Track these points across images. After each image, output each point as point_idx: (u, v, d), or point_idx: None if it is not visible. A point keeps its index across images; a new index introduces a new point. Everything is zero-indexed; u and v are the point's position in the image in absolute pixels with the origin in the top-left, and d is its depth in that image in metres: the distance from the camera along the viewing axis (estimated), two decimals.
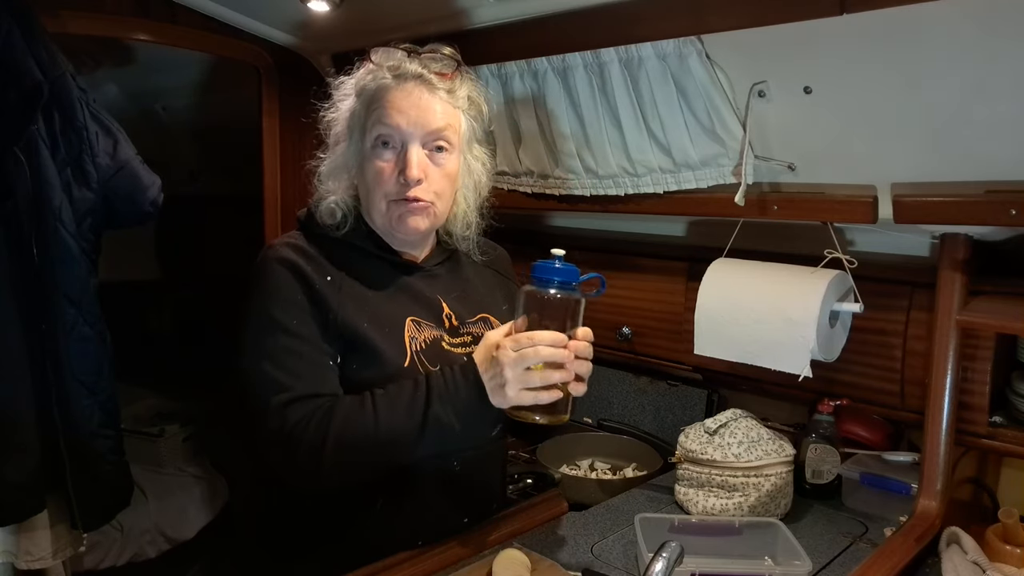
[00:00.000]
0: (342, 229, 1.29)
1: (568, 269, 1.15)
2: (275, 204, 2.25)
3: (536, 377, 1.09)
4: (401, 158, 1.22)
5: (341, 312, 1.20)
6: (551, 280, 1.14)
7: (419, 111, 1.22)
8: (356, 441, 1.12)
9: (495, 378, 1.10)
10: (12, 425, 1.58)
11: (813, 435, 1.64)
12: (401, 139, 1.23)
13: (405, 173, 1.21)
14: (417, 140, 1.23)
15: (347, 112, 1.29)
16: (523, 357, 1.09)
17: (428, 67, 1.25)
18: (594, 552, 1.39)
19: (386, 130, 1.22)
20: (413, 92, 1.23)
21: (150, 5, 1.90)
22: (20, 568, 1.72)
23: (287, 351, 1.16)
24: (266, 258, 1.23)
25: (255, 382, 1.16)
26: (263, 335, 1.18)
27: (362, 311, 1.23)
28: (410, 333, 1.26)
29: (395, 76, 1.24)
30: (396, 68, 1.24)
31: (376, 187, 1.24)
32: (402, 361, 1.22)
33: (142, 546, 2.51)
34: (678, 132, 1.54)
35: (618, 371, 2.13)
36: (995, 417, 1.48)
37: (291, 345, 1.17)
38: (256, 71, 2.16)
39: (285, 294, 1.19)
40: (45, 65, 1.55)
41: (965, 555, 1.30)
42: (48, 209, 1.58)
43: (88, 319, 1.67)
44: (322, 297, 1.20)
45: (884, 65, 1.22)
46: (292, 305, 1.19)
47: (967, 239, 1.42)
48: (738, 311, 1.58)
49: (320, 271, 1.23)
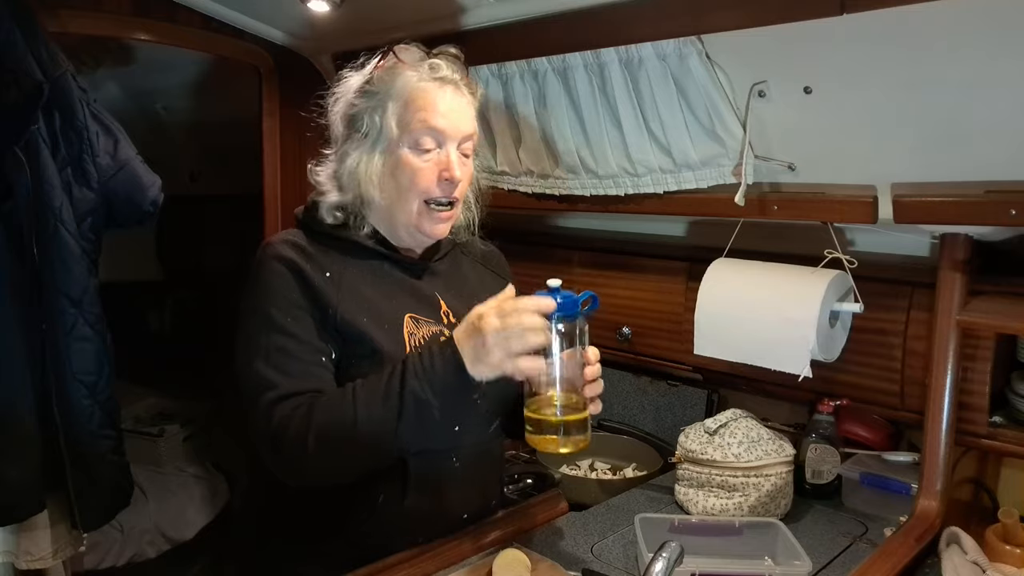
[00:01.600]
0: (343, 227, 1.29)
1: (567, 299, 1.13)
2: (275, 204, 2.25)
3: (518, 344, 1.06)
4: (442, 160, 1.24)
5: (340, 308, 1.21)
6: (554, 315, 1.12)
7: (458, 115, 1.25)
8: (337, 430, 1.10)
9: (476, 347, 1.07)
10: (12, 425, 1.58)
11: (813, 435, 1.64)
12: (441, 141, 1.24)
13: (449, 173, 1.23)
14: (455, 143, 1.25)
15: (372, 110, 1.26)
16: (506, 326, 1.06)
17: (459, 72, 1.27)
18: (594, 552, 1.39)
19: (431, 132, 1.23)
20: (454, 97, 1.25)
21: (150, 5, 1.89)
22: (20, 568, 1.72)
23: (279, 349, 1.17)
24: (263, 256, 1.24)
25: (248, 380, 1.17)
26: (256, 333, 1.19)
27: (361, 307, 1.23)
28: (409, 329, 1.26)
29: (436, 79, 1.24)
30: (437, 71, 1.25)
31: (412, 186, 1.23)
32: (401, 356, 1.22)
33: (142, 546, 2.51)
34: (678, 132, 1.54)
35: (618, 371, 2.13)
36: (995, 417, 1.48)
37: (283, 344, 1.17)
38: (256, 71, 2.16)
39: (280, 292, 1.20)
40: (45, 65, 1.54)
41: (965, 555, 1.30)
42: (48, 209, 1.58)
43: (88, 319, 1.67)
44: (320, 294, 1.21)
45: (884, 65, 1.22)
46: (287, 303, 1.19)
47: (967, 239, 1.42)
48: (738, 311, 1.58)
49: (318, 268, 1.23)
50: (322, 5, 1.68)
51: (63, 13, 1.72)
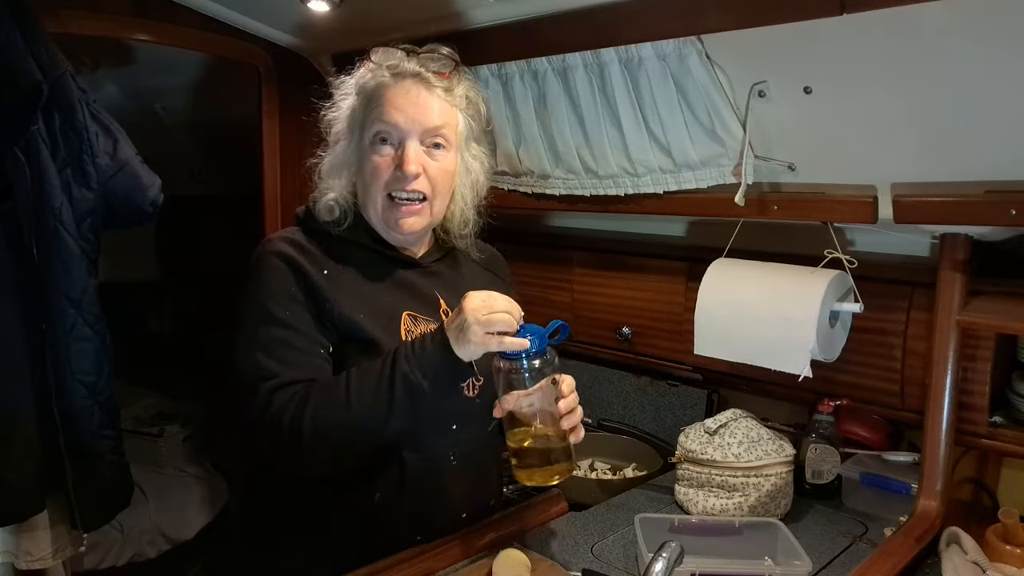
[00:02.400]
0: (341, 225, 1.30)
1: (535, 334, 1.13)
2: (275, 203, 2.25)
3: (496, 319, 1.10)
4: (399, 154, 1.25)
5: (337, 303, 1.22)
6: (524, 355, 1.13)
7: (416, 108, 1.24)
8: (331, 414, 1.12)
9: (460, 324, 1.11)
10: (12, 425, 1.58)
11: (813, 435, 1.64)
12: (399, 136, 1.25)
13: (403, 167, 1.23)
14: (415, 137, 1.25)
15: (347, 110, 1.31)
16: (486, 304, 1.12)
17: (426, 66, 1.27)
18: (594, 552, 1.39)
19: (384, 127, 1.25)
20: (411, 90, 1.25)
21: (150, 5, 1.90)
22: (20, 568, 1.72)
23: (279, 341, 1.18)
24: (262, 252, 1.25)
25: (247, 372, 1.18)
26: (257, 326, 1.20)
27: (358, 303, 1.24)
28: (406, 326, 1.27)
29: (393, 75, 1.26)
30: (395, 67, 1.26)
31: (373, 181, 1.26)
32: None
33: (142, 546, 2.51)
34: (678, 132, 1.54)
35: (618, 371, 2.14)
36: (995, 417, 1.48)
37: (283, 335, 1.19)
38: (256, 71, 2.16)
39: (279, 286, 1.21)
40: (45, 65, 1.54)
41: (965, 555, 1.30)
42: (48, 209, 1.58)
43: (88, 319, 1.67)
44: (318, 289, 1.22)
45: (884, 65, 1.22)
46: (285, 297, 1.21)
47: (967, 239, 1.42)
48: (738, 311, 1.58)
49: (316, 265, 1.25)
50: (322, 5, 1.68)
51: (63, 13, 1.72)
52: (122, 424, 1.87)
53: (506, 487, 1.74)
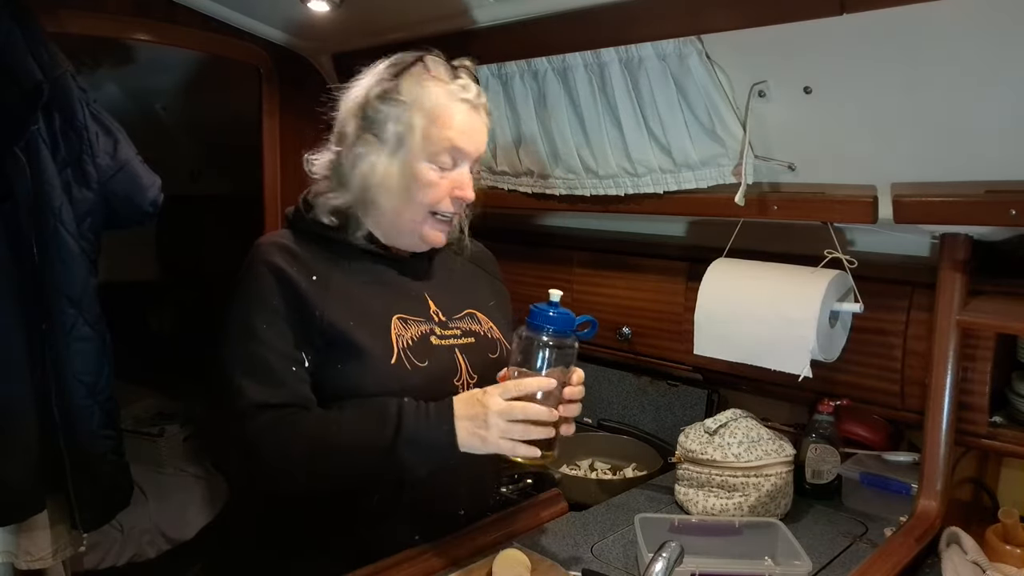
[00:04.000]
0: (336, 228, 1.28)
1: (565, 316, 1.16)
2: (275, 204, 2.25)
3: (518, 429, 1.11)
4: (456, 178, 1.26)
5: (327, 312, 1.21)
6: (547, 328, 1.16)
7: (478, 136, 1.27)
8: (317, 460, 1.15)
9: (477, 426, 1.12)
10: (12, 425, 1.58)
11: (813, 435, 1.64)
12: (459, 161, 1.26)
13: (463, 193, 1.26)
14: (470, 162, 1.27)
15: (396, 118, 1.23)
16: (511, 409, 1.12)
17: (481, 93, 1.29)
18: (594, 552, 1.39)
19: (453, 151, 1.24)
20: (472, 116, 1.26)
21: (150, 5, 1.90)
22: (20, 568, 1.72)
23: (254, 357, 1.18)
24: (252, 260, 1.24)
25: (223, 386, 1.18)
26: (235, 340, 1.20)
27: (348, 310, 1.23)
28: (396, 331, 1.25)
29: (464, 100, 1.25)
30: (467, 92, 1.25)
31: (422, 198, 1.24)
32: (389, 359, 1.22)
33: (142, 546, 2.51)
34: (678, 132, 1.54)
35: (618, 371, 2.13)
36: (995, 417, 1.48)
37: (259, 352, 1.18)
38: (256, 71, 2.16)
39: (260, 298, 1.21)
40: (45, 65, 1.54)
41: (965, 555, 1.30)
42: (48, 209, 1.58)
43: (88, 319, 1.66)
44: (304, 298, 1.21)
45: (884, 65, 1.22)
46: (266, 310, 1.20)
47: (967, 239, 1.42)
48: (738, 311, 1.58)
49: (305, 271, 1.23)
50: (322, 5, 1.68)
51: (63, 13, 1.72)
52: (122, 424, 1.87)
53: (506, 487, 1.74)
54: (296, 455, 1.15)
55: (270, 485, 1.21)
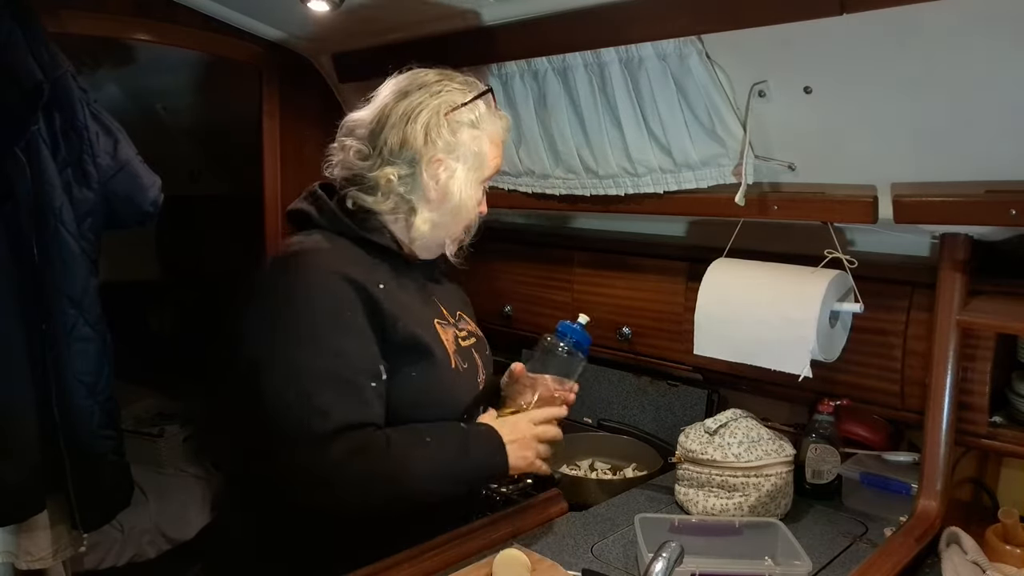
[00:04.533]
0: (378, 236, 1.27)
1: (585, 337, 1.41)
2: (275, 204, 2.25)
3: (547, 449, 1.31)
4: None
5: (401, 320, 1.20)
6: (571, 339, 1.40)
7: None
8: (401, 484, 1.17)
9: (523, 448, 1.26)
10: (12, 425, 1.58)
11: (813, 435, 1.64)
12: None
13: (483, 210, 1.36)
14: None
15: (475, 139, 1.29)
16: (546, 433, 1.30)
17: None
18: (594, 552, 1.39)
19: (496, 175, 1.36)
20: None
21: (150, 5, 1.90)
22: (20, 568, 1.72)
23: (339, 376, 1.13)
24: (308, 270, 1.19)
25: (291, 404, 1.12)
26: (305, 357, 1.13)
27: (411, 316, 1.24)
28: (442, 335, 1.29)
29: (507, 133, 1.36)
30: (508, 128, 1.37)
31: (471, 216, 1.32)
32: (449, 363, 1.26)
33: (142, 546, 2.51)
34: (678, 132, 1.54)
35: (618, 371, 2.13)
36: (995, 417, 1.48)
37: (342, 369, 1.14)
38: (256, 71, 2.16)
39: (339, 312, 1.15)
40: (46, 65, 1.54)
41: (965, 555, 1.30)
42: (49, 209, 1.58)
43: (88, 319, 1.66)
44: (381, 308, 1.18)
45: (884, 65, 1.22)
46: (345, 324, 1.15)
47: (967, 239, 1.42)
48: (738, 311, 1.58)
49: (372, 279, 1.20)
50: (322, 5, 1.67)
51: (63, 13, 1.72)
52: (122, 424, 1.87)
53: (506, 487, 1.75)
54: (381, 479, 1.14)
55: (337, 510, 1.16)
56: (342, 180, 1.31)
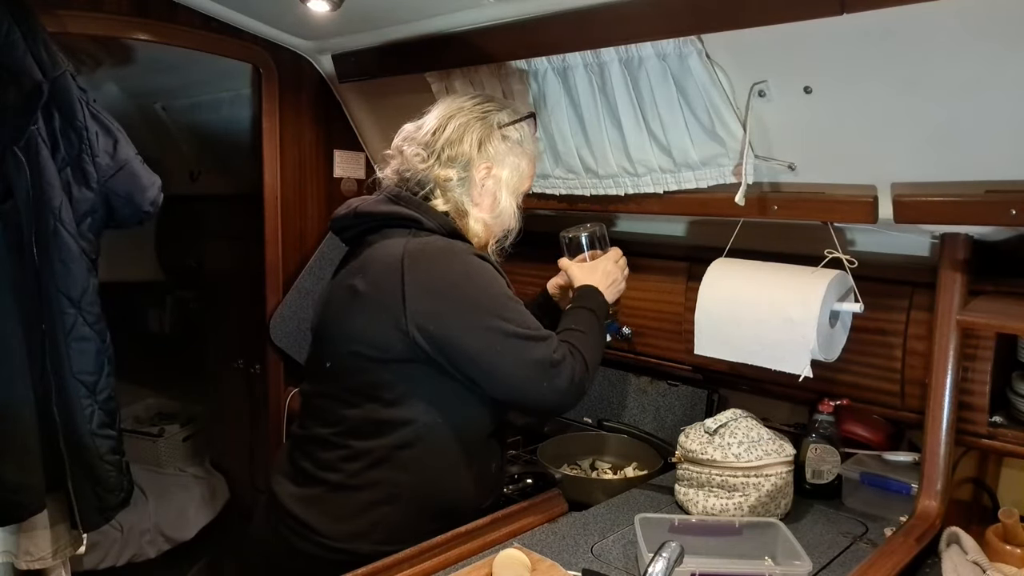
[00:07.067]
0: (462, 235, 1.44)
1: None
2: (275, 204, 2.25)
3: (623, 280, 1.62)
4: None
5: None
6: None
7: None
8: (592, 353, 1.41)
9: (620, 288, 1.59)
10: (12, 425, 1.58)
11: (813, 435, 1.64)
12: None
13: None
14: None
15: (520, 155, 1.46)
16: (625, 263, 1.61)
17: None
18: (594, 552, 1.39)
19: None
20: None
21: (150, 5, 1.90)
22: (20, 568, 1.72)
23: (524, 314, 1.35)
24: (471, 256, 1.36)
25: (517, 339, 1.30)
26: (505, 308, 1.33)
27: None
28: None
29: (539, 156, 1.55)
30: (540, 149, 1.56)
31: (510, 222, 1.48)
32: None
33: (142, 546, 2.52)
34: (678, 132, 1.54)
35: (618, 371, 2.13)
36: (995, 417, 1.48)
37: (523, 310, 1.36)
38: (256, 71, 2.16)
39: (501, 279, 1.38)
40: (45, 65, 1.54)
41: (965, 555, 1.30)
42: (48, 209, 1.58)
43: (88, 319, 1.66)
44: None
45: (884, 65, 1.22)
46: (507, 286, 1.38)
47: (967, 239, 1.42)
48: (738, 311, 1.58)
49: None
50: (322, 5, 1.67)
51: (63, 13, 1.72)
52: (122, 424, 1.87)
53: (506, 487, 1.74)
54: (588, 361, 1.38)
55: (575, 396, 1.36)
56: (397, 182, 1.43)
